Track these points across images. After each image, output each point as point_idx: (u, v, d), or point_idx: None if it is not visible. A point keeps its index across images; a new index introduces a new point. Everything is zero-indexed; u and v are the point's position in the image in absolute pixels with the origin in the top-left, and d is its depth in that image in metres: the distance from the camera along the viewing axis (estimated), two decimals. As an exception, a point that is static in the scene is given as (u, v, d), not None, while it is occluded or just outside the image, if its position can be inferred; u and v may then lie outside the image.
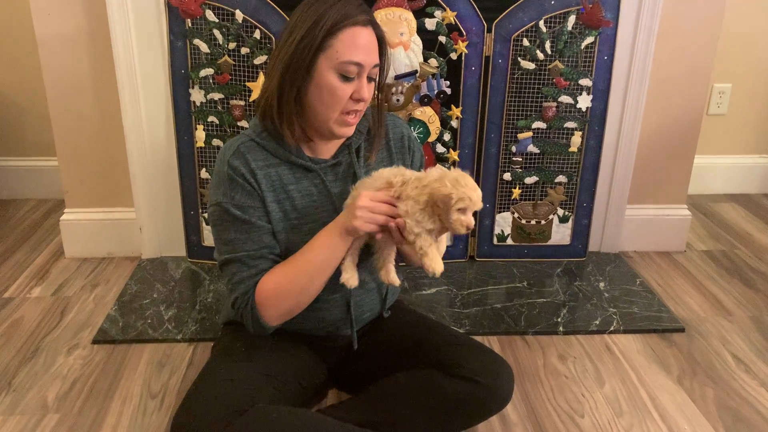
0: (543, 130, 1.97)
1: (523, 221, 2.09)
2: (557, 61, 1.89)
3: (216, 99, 1.87)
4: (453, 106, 1.92)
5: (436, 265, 1.12)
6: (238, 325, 1.34)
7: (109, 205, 2.10)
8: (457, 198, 1.08)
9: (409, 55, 1.85)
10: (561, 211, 2.09)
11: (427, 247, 1.12)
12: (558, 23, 1.86)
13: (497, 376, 1.26)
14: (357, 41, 1.15)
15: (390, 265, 1.25)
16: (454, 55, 1.87)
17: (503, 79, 1.91)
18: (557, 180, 2.04)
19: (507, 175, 2.02)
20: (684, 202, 2.22)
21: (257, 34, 1.80)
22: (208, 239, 2.03)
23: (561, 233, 2.11)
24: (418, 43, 1.85)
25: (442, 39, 1.85)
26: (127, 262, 2.10)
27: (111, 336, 1.69)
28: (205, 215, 1.99)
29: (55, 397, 1.48)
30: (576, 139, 1.99)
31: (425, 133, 1.94)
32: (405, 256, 1.32)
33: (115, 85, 1.89)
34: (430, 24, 1.84)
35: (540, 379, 1.57)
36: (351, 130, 1.23)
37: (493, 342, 1.72)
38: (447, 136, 1.96)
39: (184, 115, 1.90)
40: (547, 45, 1.88)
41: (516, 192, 2.04)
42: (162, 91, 1.90)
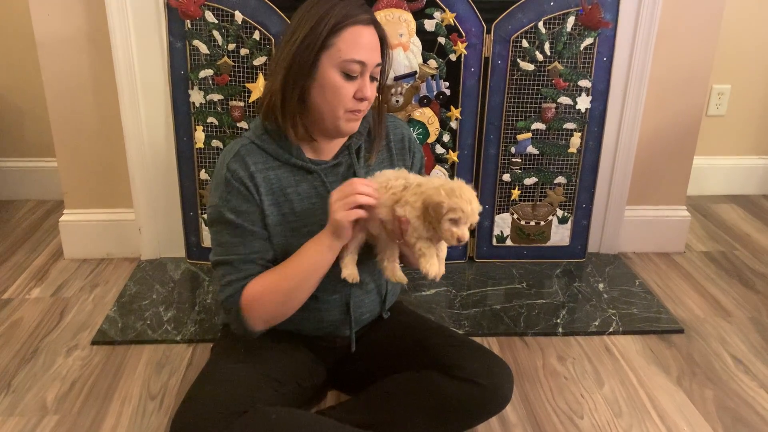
0: (542, 131, 1.97)
1: (523, 222, 2.09)
2: (556, 62, 1.90)
3: (215, 100, 1.87)
4: (452, 107, 1.92)
5: (431, 267, 1.11)
6: (237, 326, 1.34)
7: (108, 206, 2.10)
8: (449, 208, 1.06)
9: (409, 56, 1.85)
10: (560, 212, 2.09)
11: (425, 249, 1.12)
12: (557, 24, 1.87)
13: (496, 377, 1.26)
14: (360, 40, 1.16)
15: (395, 264, 1.25)
16: (453, 56, 1.87)
17: (502, 80, 1.91)
18: (556, 181, 2.04)
19: (506, 176, 2.02)
20: (683, 203, 2.22)
21: (257, 35, 1.80)
22: (207, 240, 2.03)
23: (560, 234, 2.11)
24: (417, 44, 1.85)
25: (442, 40, 1.85)
26: (127, 263, 2.10)
27: (110, 337, 1.69)
28: (204, 216, 1.98)
29: (55, 398, 1.48)
30: (575, 140, 1.99)
31: (424, 134, 1.94)
32: (405, 257, 1.31)
33: (114, 86, 1.89)
34: (429, 25, 1.84)
35: (539, 380, 1.57)
36: (356, 125, 1.24)
37: (492, 343, 1.72)
38: (446, 137, 1.96)
39: (184, 116, 1.90)
40: (547, 46, 1.88)
41: (515, 193, 2.04)
42: (161, 92, 1.90)
